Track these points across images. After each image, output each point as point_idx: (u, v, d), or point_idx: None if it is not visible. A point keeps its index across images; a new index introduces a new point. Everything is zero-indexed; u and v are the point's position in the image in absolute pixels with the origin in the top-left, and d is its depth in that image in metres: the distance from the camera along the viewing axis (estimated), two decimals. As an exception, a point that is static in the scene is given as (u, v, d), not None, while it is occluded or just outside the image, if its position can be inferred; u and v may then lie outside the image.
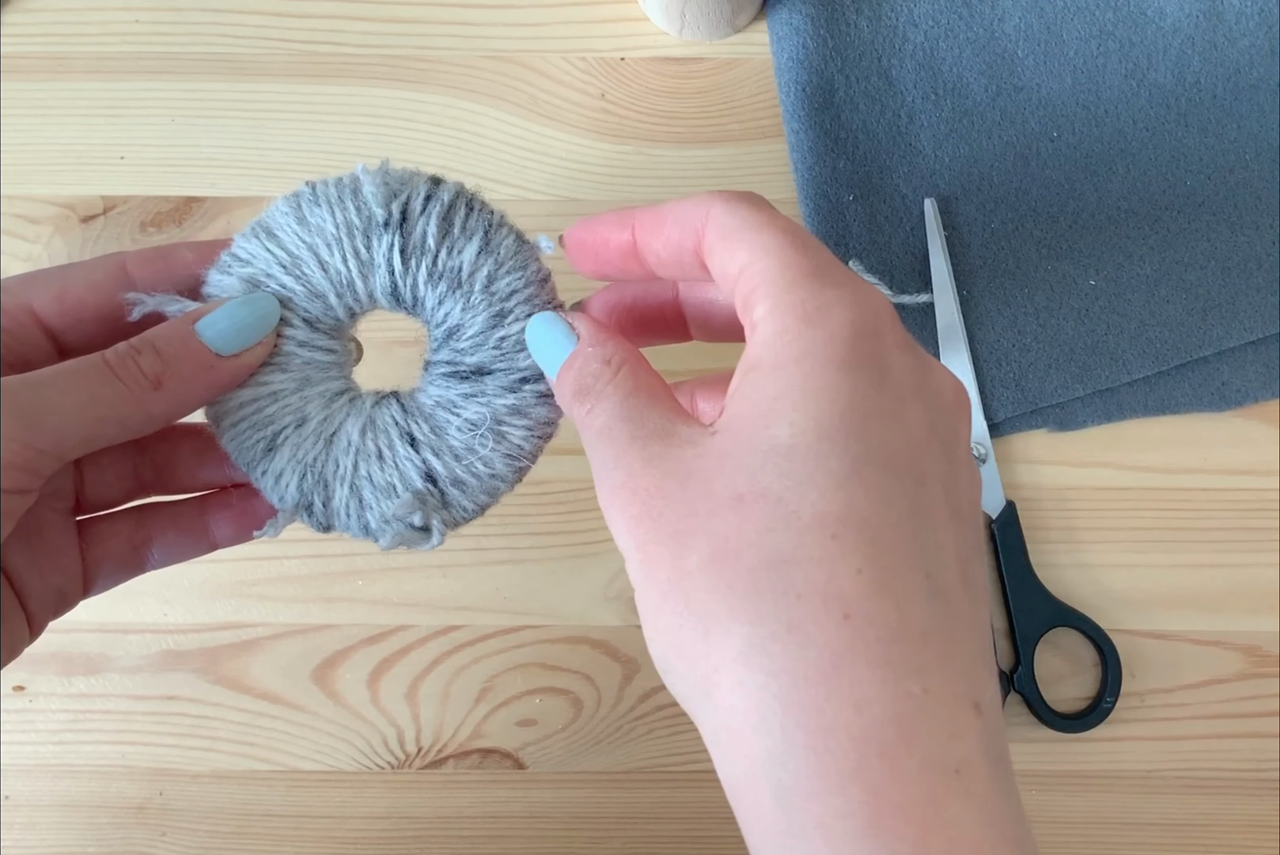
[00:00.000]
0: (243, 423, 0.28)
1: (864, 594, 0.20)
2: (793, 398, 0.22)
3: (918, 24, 0.49)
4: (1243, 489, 0.46)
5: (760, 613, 0.21)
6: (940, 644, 0.21)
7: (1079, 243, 0.47)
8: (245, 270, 0.28)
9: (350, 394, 0.29)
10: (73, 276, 0.29)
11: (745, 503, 0.21)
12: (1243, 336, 0.46)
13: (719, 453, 0.22)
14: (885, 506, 0.21)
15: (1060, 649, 0.45)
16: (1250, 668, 0.45)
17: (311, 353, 0.28)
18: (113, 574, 0.31)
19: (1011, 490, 0.46)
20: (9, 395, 0.24)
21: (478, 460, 0.28)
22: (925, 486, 0.22)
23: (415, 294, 0.28)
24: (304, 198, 0.28)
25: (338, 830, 0.44)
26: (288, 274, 0.28)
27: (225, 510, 0.32)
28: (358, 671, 0.45)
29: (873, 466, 0.21)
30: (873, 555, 0.21)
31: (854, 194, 0.47)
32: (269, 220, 0.29)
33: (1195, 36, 0.49)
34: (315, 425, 0.28)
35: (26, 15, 0.50)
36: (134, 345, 0.26)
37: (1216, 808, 0.44)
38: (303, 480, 0.28)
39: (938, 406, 0.23)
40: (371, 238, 0.28)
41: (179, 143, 0.49)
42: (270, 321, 0.27)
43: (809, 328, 0.22)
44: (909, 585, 0.21)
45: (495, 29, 0.50)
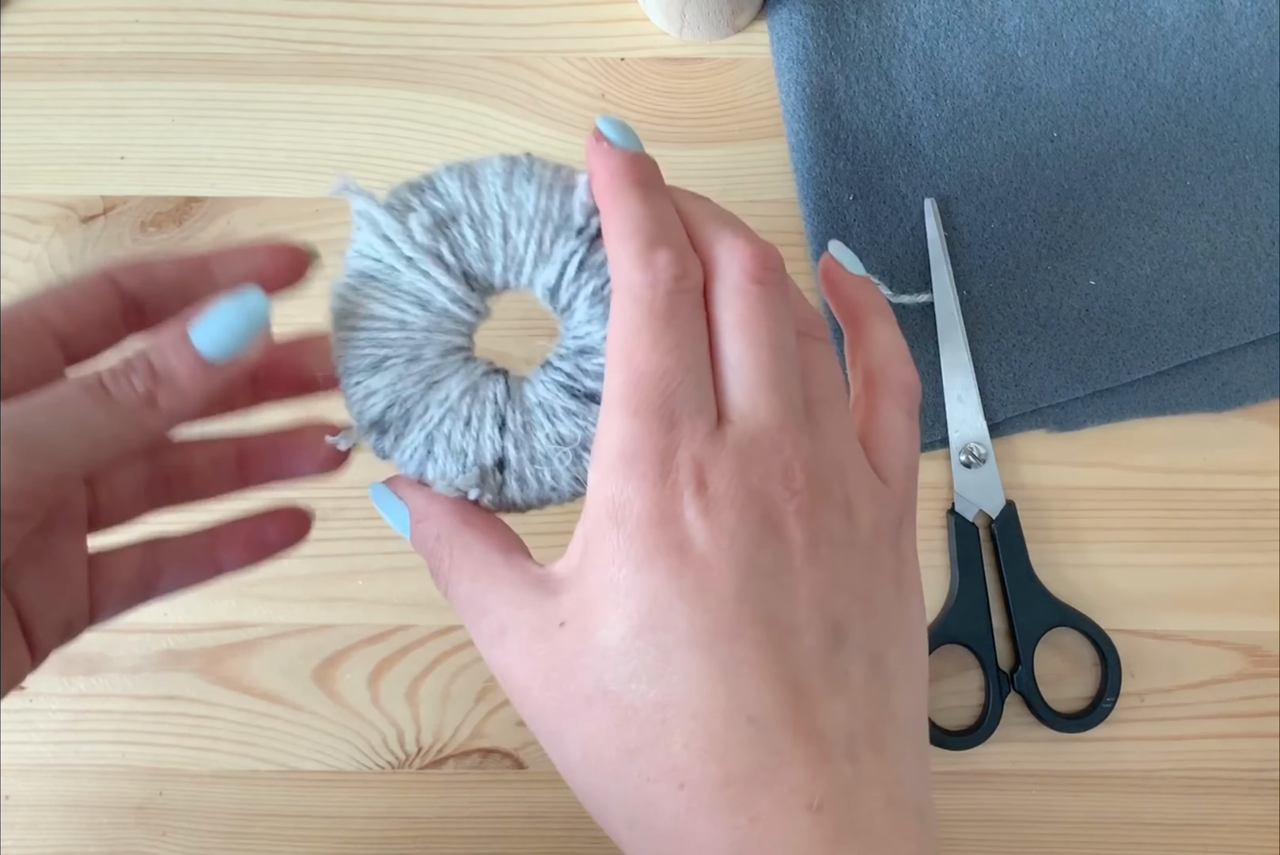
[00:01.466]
0: (363, 333, 0.28)
1: (691, 763, 0.24)
2: (607, 599, 0.24)
3: (918, 24, 0.49)
4: (1243, 489, 0.46)
5: (627, 797, 0.24)
6: (766, 775, 0.23)
7: (1079, 243, 0.47)
8: (437, 203, 0.28)
9: (466, 354, 0.29)
10: (69, 290, 0.30)
11: (595, 703, 0.24)
12: (1243, 336, 0.46)
13: (568, 652, 0.25)
14: (698, 682, 0.24)
15: (1060, 649, 0.45)
16: (1250, 668, 0.45)
17: (455, 305, 0.29)
18: (120, 603, 0.31)
19: (1011, 490, 0.46)
20: (5, 422, 0.25)
21: (548, 470, 0.29)
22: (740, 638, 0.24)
23: (571, 303, 0.29)
24: (520, 168, 0.29)
25: (338, 830, 0.44)
26: (471, 227, 0.28)
27: (236, 539, 0.32)
28: (358, 671, 0.45)
29: (682, 649, 0.24)
30: (694, 729, 0.24)
31: (854, 194, 0.47)
32: (478, 171, 0.29)
33: (1195, 37, 0.49)
34: (425, 368, 0.29)
35: (26, 15, 0.50)
36: (128, 361, 0.27)
37: (1216, 808, 0.44)
38: (389, 408, 0.28)
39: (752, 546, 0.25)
40: (561, 236, 0.28)
41: (179, 143, 0.49)
42: (261, 320, 0.27)
43: (615, 527, 0.25)
44: (729, 740, 0.23)
45: (495, 29, 0.50)
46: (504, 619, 0.26)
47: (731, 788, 0.23)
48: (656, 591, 0.24)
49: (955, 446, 0.46)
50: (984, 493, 0.45)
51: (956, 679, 0.45)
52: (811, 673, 0.24)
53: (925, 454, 0.46)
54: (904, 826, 0.24)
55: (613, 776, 0.24)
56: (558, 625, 0.25)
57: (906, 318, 0.47)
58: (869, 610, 0.26)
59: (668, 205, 0.27)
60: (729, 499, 0.24)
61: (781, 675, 0.24)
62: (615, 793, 0.25)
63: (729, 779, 0.23)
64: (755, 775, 0.23)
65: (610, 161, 0.27)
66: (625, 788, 0.24)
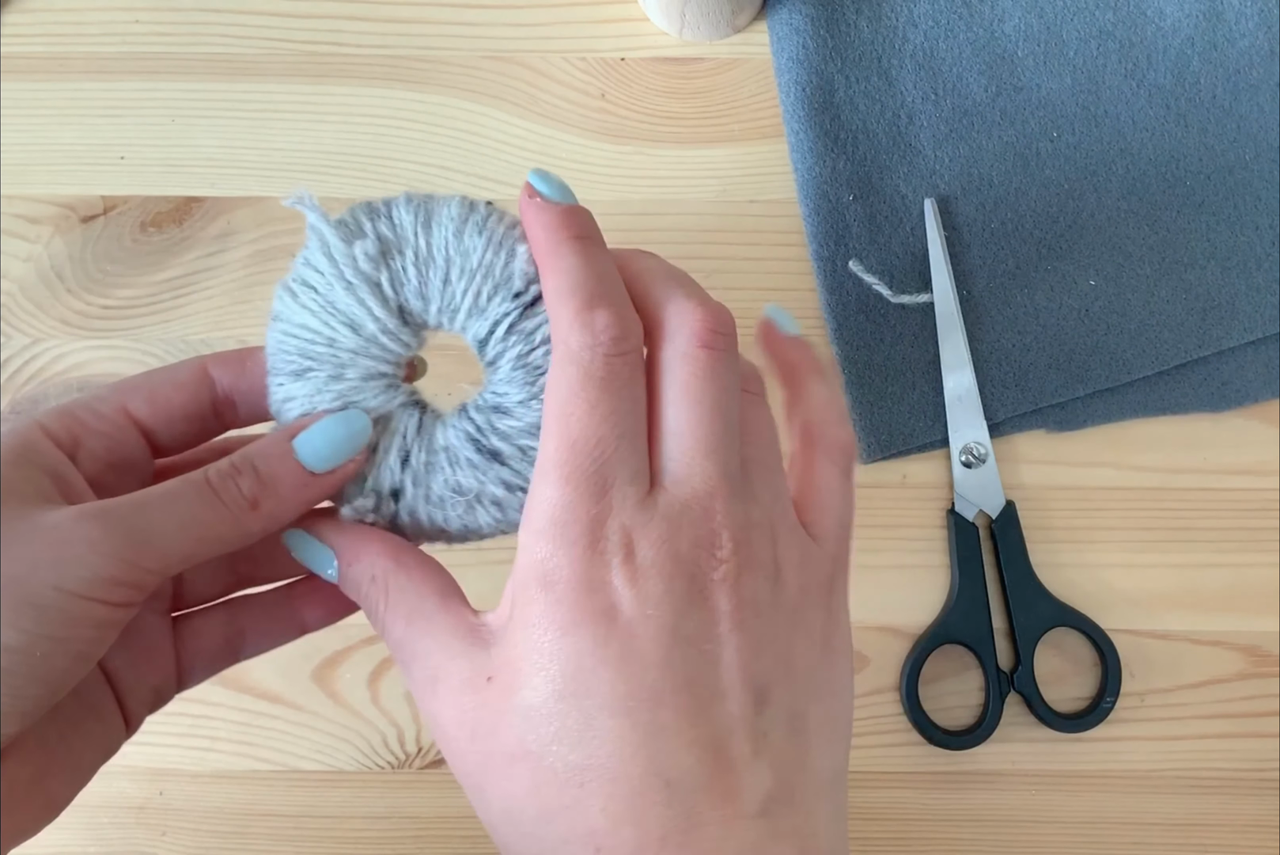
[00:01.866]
0: (293, 339, 0.29)
1: (608, 828, 0.24)
2: (531, 660, 0.25)
3: (918, 24, 0.49)
4: (1243, 489, 0.46)
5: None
6: (680, 837, 0.24)
7: (1079, 243, 0.47)
8: (387, 233, 0.29)
9: (389, 381, 0.30)
10: (159, 380, 0.30)
11: (516, 761, 0.25)
12: (1243, 336, 0.46)
13: (493, 708, 0.25)
14: (618, 747, 0.24)
15: (1060, 649, 0.45)
16: (1250, 668, 0.45)
17: (385, 336, 0.29)
18: (207, 668, 0.32)
19: (1011, 490, 0.46)
20: (119, 518, 0.26)
21: (440, 514, 0.29)
22: (662, 704, 0.24)
23: (496, 360, 0.29)
24: (476, 217, 0.29)
25: (338, 830, 0.44)
26: (415, 265, 0.28)
27: (313, 596, 0.33)
28: (358, 671, 0.45)
29: (604, 714, 0.24)
30: (612, 792, 0.24)
31: (854, 194, 0.47)
32: (435, 210, 0.29)
33: (1195, 37, 0.49)
34: (345, 388, 0.29)
35: (26, 15, 0.50)
36: (235, 464, 0.27)
37: (1216, 808, 0.44)
38: (304, 417, 0.29)
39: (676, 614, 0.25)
40: (498, 294, 0.28)
41: (179, 143, 0.49)
42: (362, 439, 0.28)
43: (543, 591, 0.25)
44: (645, 804, 0.24)
45: (495, 29, 0.50)
46: (436, 667, 0.26)
47: (647, 850, 0.24)
48: (581, 657, 0.24)
49: (955, 446, 0.46)
50: (984, 493, 0.45)
51: (956, 679, 0.45)
52: (733, 736, 0.25)
53: (925, 454, 0.46)
54: None
55: (532, 836, 0.25)
56: (485, 680, 0.26)
57: (906, 318, 0.47)
58: (791, 672, 0.26)
59: (607, 261, 0.28)
60: (655, 568, 0.25)
61: (701, 739, 0.24)
62: (533, 853, 0.25)
63: (643, 843, 0.24)
64: (669, 837, 0.24)
65: (545, 217, 0.27)
66: (543, 848, 0.25)
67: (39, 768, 0.27)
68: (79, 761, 0.29)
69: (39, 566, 0.25)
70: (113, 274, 0.48)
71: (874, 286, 0.46)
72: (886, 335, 0.47)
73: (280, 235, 0.48)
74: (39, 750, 0.27)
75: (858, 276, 0.46)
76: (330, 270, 0.28)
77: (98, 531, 0.25)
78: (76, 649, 0.26)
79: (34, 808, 0.28)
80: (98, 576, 0.25)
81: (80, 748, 0.29)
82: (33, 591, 0.24)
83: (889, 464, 0.46)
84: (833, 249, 0.47)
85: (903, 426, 0.46)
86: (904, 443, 0.46)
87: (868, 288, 0.46)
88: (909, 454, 0.46)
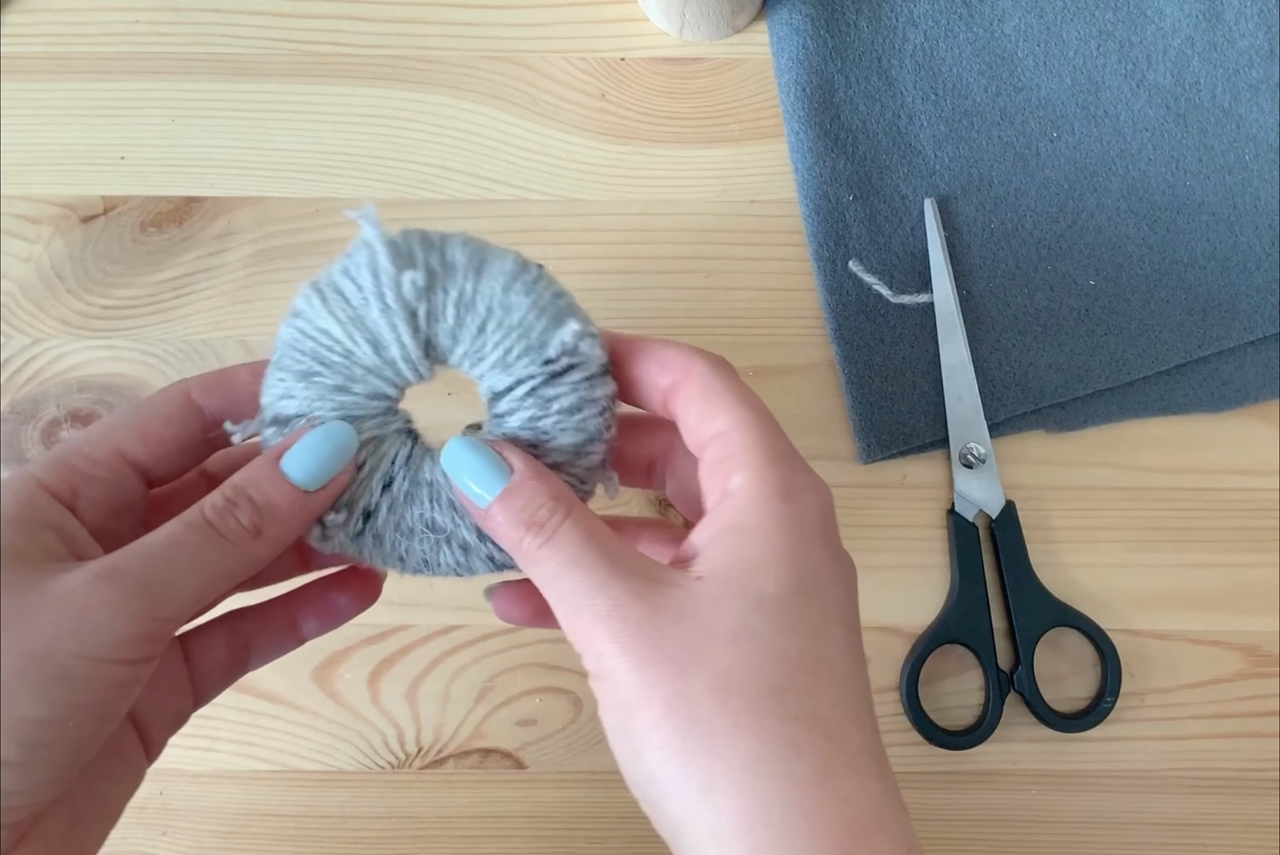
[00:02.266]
0: (309, 342, 0.29)
1: (840, 720, 0.26)
2: (775, 558, 0.26)
3: (918, 24, 0.49)
4: (1243, 489, 0.46)
5: (764, 731, 0.25)
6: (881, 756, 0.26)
7: (1079, 243, 0.47)
8: (437, 268, 0.29)
9: (390, 404, 0.30)
10: (148, 415, 0.30)
11: (742, 640, 0.25)
12: (1243, 336, 0.46)
13: (708, 596, 0.26)
14: (845, 654, 0.27)
15: (1060, 649, 0.45)
16: (1250, 668, 0.45)
17: (404, 363, 0.29)
18: (219, 681, 0.33)
19: (1011, 490, 0.46)
20: (131, 576, 0.26)
21: (405, 544, 0.30)
22: (856, 636, 0.27)
23: (505, 416, 0.29)
24: (526, 277, 0.29)
25: (338, 830, 0.44)
26: (456, 306, 0.29)
27: (309, 605, 0.33)
28: (358, 671, 0.45)
29: (834, 622, 0.27)
30: (844, 691, 0.26)
31: (854, 194, 0.47)
32: (490, 260, 0.29)
33: (1195, 37, 0.49)
34: (347, 402, 0.29)
35: (26, 15, 0.50)
36: (229, 498, 0.27)
37: (1216, 808, 0.44)
38: (298, 416, 0.29)
39: (850, 572, 0.28)
40: (528, 356, 0.29)
41: (179, 143, 0.49)
42: (349, 453, 0.28)
43: (787, 504, 0.27)
44: (861, 715, 0.26)
45: (495, 29, 0.50)
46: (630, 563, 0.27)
47: (866, 756, 0.26)
48: (820, 566, 0.27)
49: (955, 446, 0.46)
50: (984, 493, 0.45)
51: (956, 679, 0.45)
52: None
53: (925, 454, 0.46)
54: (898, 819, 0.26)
55: (748, 711, 0.25)
56: (693, 579, 0.26)
57: (906, 318, 0.47)
58: None
59: None
60: None
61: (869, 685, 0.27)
62: (747, 726, 0.25)
63: (864, 747, 0.26)
64: (878, 751, 0.26)
65: None
66: (763, 723, 0.25)
67: (71, 821, 0.28)
68: (108, 804, 0.29)
69: (61, 637, 0.25)
70: (113, 274, 0.48)
71: (874, 286, 0.46)
72: (886, 335, 0.47)
73: (280, 235, 0.48)
74: (69, 804, 0.28)
75: (858, 276, 0.46)
76: (372, 288, 0.28)
77: (114, 594, 0.25)
78: (105, 711, 0.26)
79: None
80: (121, 639, 0.25)
81: (107, 790, 0.29)
82: (59, 664, 0.25)
83: (889, 464, 0.46)
84: (833, 249, 0.47)
85: (903, 426, 0.46)
86: (904, 443, 0.46)
87: (868, 288, 0.46)
88: (909, 454, 0.46)
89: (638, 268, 0.47)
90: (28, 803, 0.25)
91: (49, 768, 0.25)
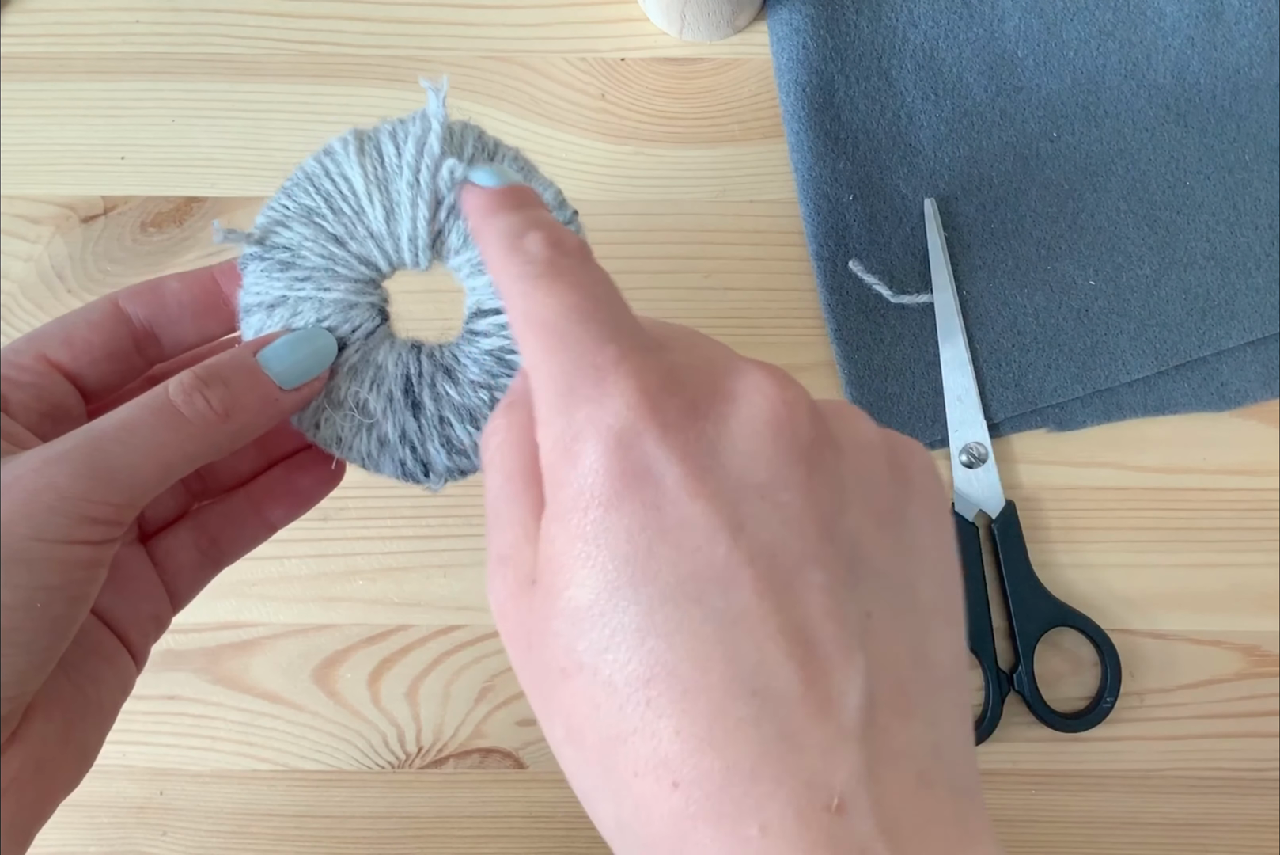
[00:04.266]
0: (327, 182, 0.28)
1: (685, 755, 0.19)
2: (577, 550, 0.21)
3: (918, 24, 0.49)
4: (1243, 489, 0.46)
5: (613, 791, 0.20)
6: (775, 766, 0.19)
7: (1079, 243, 0.47)
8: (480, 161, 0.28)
9: (374, 276, 0.29)
10: (72, 322, 0.30)
11: (570, 677, 0.21)
12: (1243, 336, 0.46)
13: (540, 615, 0.21)
14: (689, 646, 0.20)
15: (1060, 649, 0.45)
16: (1250, 668, 0.45)
17: (408, 244, 0.28)
18: (193, 582, 0.32)
19: (1011, 490, 0.46)
20: (80, 459, 0.25)
21: (332, 408, 0.29)
22: (737, 582, 0.20)
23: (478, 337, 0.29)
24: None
25: (338, 830, 0.44)
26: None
27: (273, 494, 0.33)
28: (358, 671, 0.45)
29: (669, 605, 0.20)
30: (686, 709, 0.20)
31: (854, 194, 0.47)
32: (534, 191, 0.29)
33: (1195, 36, 0.49)
34: (339, 252, 0.28)
35: (26, 15, 0.50)
36: (200, 377, 0.27)
37: (1216, 808, 0.44)
38: (286, 249, 0.28)
39: (743, 464, 0.21)
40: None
41: (179, 143, 0.49)
42: (328, 358, 0.28)
43: (570, 467, 0.21)
44: (728, 723, 0.19)
45: (495, 29, 0.50)
46: (506, 549, 0.23)
47: (735, 786, 0.19)
48: (632, 535, 0.20)
49: (955, 446, 0.46)
50: (984, 493, 0.45)
51: (956, 679, 0.45)
52: (824, 619, 0.20)
53: (925, 454, 0.46)
54: (940, 811, 0.20)
55: (597, 766, 0.21)
56: (530, 583, 0.22)
57: (906, 318, 0.47)
58: (883, 525, 0.22)
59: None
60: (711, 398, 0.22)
61: (787, 627, 0.20)
62: (602, 786, 0.21)
63: (731, 774, 0.19)
64: (761, 768, 0.19)
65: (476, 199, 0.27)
66: (611, 782, 0.20)
67: (65, 720, 0.27)
68: (100, 706, 0.29)
69: (14, 522, 0.24)
70: (113, 274, 0.48)
71: (874, 286, 0.46)
72: (886, 335, 0.47)
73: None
74: (60, 704, 0.27)
75: (858, 276, 0.46)
76: (410, 161, 0.28)
77: (62, 477, 0.25)
78: (72, 593, 0.25)
79: (71, 759, 0.28)
80: (73, 520, 0.25)
81: (98, 693, 0.29)
82: (15, 547, 0.24)
83: (889, 464, 0.46)
84: (833, 249, 0.47)
85: (903, 426, 0.46)
86: (904, 443, 0.46)
87: (868, 288, 0.46)
88: (909, 454, 0.46)
89: (638, 268, 0.47)
90: (14, 693, 0.25)
91: (29, 653, 0.25)
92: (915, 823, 0.19)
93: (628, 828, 0.20)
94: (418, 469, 0.29)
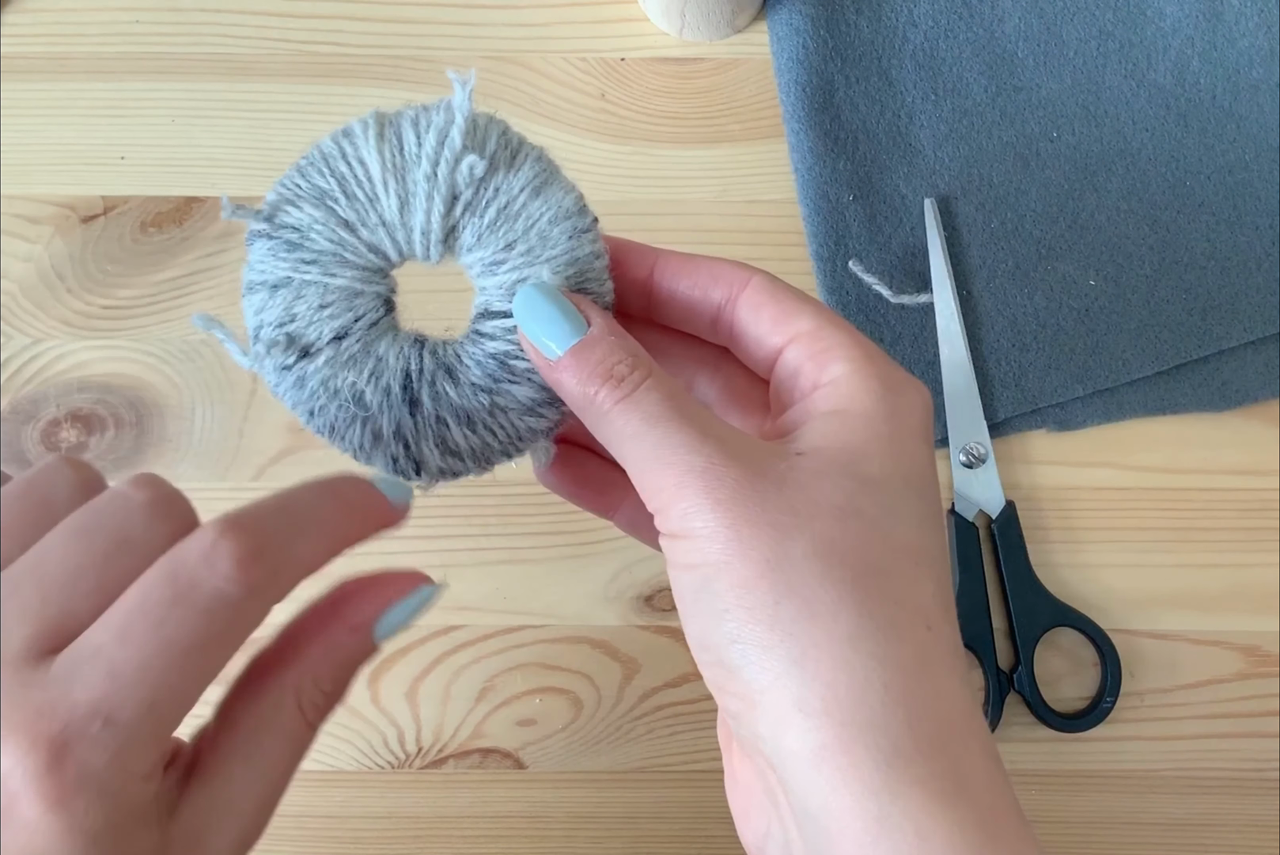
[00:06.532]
0: (342, 165, 0.28)
1: (938, 612, 0.25)
2: (881, 445, 0.26)
3: (918, 24, 0.49)
4: (1243, 489, 0.46)
5: (866, 608, 0.24)
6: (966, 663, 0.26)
7: (1079, 243, 0.47)
8: (501, 157, 0.28)
9: (382, 265, 0.28)
10: None
11: (847, 515, 0.25)
12: (1243, 336, 0.46)
13: (811, 470, 0.25)
14: (943, 551, 0.26)
15: (1060, 649, 0.45)
16: (1250, 668, 0.45)
17: (420, 237, 0.27)
18: None
19: (1011, 490, 0.46)
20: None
21: (327, 397, 0.28)
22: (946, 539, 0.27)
23: (489, 335, 0.28)
24: (581, 222, 0.29)
25: (338, 830, 0.44)
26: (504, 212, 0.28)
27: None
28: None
29: (934, 518, 0.26)
30: (940, 583, 0.26)
31: (854, 194, 0.47)
32: (552, 183, 0.28)
33: (1195, 37, 0.49)
34: (345, 238, 0.28)
35: (26, 15, 0.50)
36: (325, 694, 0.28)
37: (1216, 808, 0.44)
38: (296, 230, 0.28)
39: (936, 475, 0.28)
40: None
41: (179, 143, 0.49)
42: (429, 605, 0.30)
43: (894, 395, 0.26)
44: (953, 616, 0.26)
45: (495, 29, 0.50)
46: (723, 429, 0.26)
47: (959, 657, 0.25)
48: (922, 462, 0.26)
49: (955, 446, 0.46)
50: (984, 493, 0.45)
51: (956, 679, 0.45)
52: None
53: (925, 454, 0.46)
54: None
55: (851, 583, 0.24)
56: (794, 453, 0.26)
57: (906, 318, 0.47)
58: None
59: None
60: None
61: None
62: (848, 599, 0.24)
63: (957, 647, 0.25)
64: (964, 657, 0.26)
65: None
66: (865, 599, 0.24)
67: None
68: None
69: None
70: (113, 274, 0.48)
71: (874, 286, 0.46)
72: (886, 335, 0.47)
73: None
74: None
75: (858, 276, 0.46)
76: (430, 152, 0.27)
77: None
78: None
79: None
80: None
81: None
82: None
83: (889, 464, 0.46)
84: (833, 249, 0.47)
85: (903, 426, 0.46)
86: (904, 443, 0.46)
87: (868, 288, 0.46)
88: (909, 454, 0.46)
89: (638, 268, 0.47)
90: None
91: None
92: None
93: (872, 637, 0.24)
94: (409, 467, 0.29)
